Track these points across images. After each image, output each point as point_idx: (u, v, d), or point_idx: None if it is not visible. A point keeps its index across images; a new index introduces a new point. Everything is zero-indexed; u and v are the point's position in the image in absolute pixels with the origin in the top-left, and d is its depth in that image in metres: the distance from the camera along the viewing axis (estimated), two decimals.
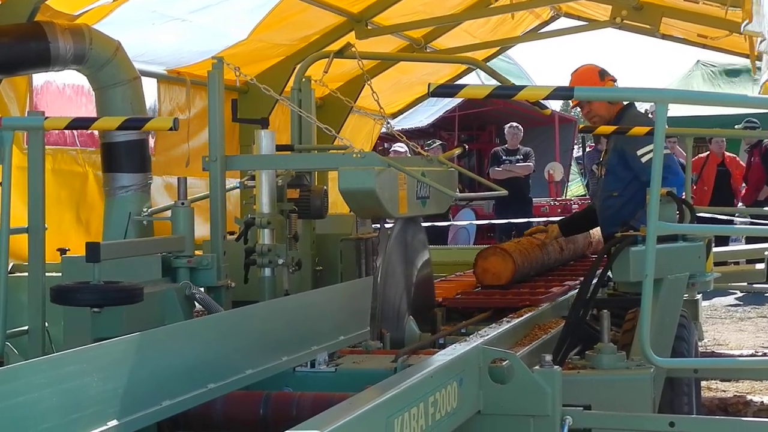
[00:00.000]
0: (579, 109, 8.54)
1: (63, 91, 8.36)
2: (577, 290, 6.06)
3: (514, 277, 6.99)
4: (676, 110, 19.08)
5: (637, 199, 7.24)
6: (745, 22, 6.72)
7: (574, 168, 31.85)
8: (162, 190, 8.64)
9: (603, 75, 7.81)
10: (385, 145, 21.88)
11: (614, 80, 7.84)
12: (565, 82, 7.87)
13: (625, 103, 7.59)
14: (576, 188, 31.79)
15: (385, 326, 5.65)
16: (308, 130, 6.83)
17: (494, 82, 8.85)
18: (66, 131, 7.86)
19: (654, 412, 5.19)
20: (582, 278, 6.29)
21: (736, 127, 17.43)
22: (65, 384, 2.96)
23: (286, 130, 7.02)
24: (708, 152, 18.92)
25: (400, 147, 17.48)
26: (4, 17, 6.30)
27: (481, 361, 4.45)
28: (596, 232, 8.73)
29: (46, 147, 5.65)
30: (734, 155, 19.42)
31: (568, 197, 25.78)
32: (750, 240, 14.77)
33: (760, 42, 6.98)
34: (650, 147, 6.32)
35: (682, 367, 6.09)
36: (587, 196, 23.37)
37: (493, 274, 6.98)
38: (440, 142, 20.15)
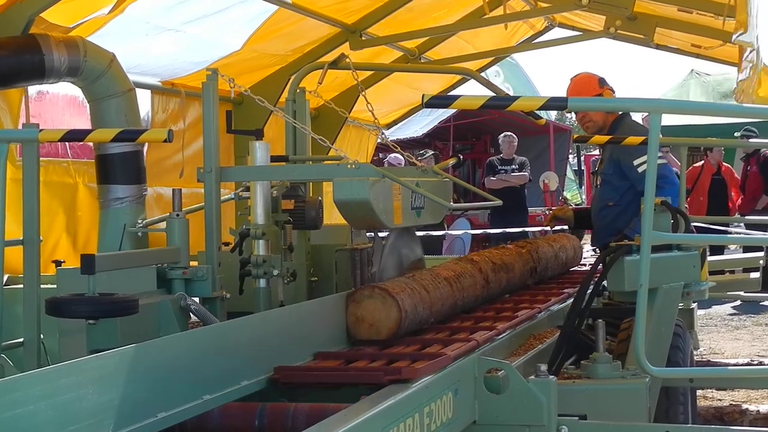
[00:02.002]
0: (573, 115, 8.58)
1: (56, 102, 8.37)
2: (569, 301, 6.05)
3: (400, 329, 4.95)
4: (670, 119, 19.10)
5: (633, 208, 7.25)
6: (739, 33, 6.73)
7: (570, 175, 31.91)
8: (152, 201, 8.63)
9: (602, 83, 7.81)
10: (380, 155, 21.89)
11: (612, 90, 7.85)
12: (562, 90, 7.87)
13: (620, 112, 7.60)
14: (572, 196, 31.84)
15: None
16: (303, 141, 6.83)
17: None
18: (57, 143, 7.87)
19: (650, 422, 5.20)
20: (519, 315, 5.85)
21: (735, 134, 17.47)
22: (61, 396, 2.96)
23: (281, 141, 7.02)
24: (702, 162, 18.93)
25: (394, 159, 17.50)
26: None
27: (477, 371, 4.46)
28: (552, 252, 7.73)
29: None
30: (729, 165, 19.43)
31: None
32: (747, 249, 14.79)
33: (750, 51, 7.00)
34: (646, 157, 6.33)
35: (677, 377, 6.10)
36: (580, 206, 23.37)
37: (370, 325, 4.92)
38: (432, 152, 20.16)
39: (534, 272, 7.24)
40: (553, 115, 32.24)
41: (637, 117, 11.00)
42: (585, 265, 8.77)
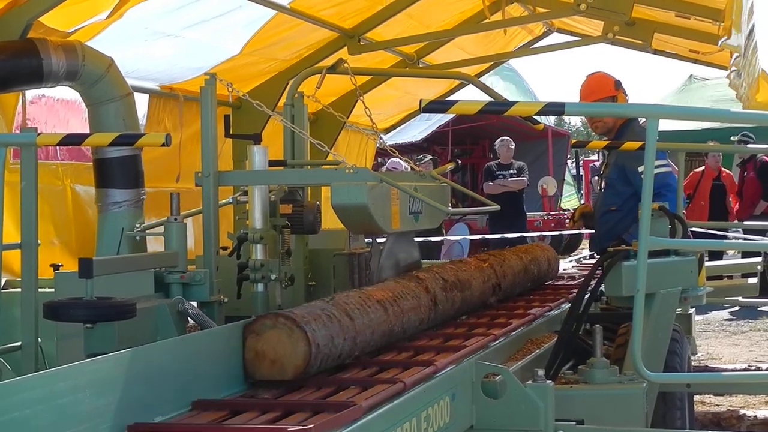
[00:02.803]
0: (571, 120, 8.58)
1: (54, 106, 8.36)
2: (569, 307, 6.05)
3: (310, 366, 4.01)
4: (669, 124, 19.13)
5: (634, 214, 7.26)
6: (724, 38, 6.74)
7: (569, 179, 31.94)
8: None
9: (618, 86, 7.80)
10: (379, 159, 21.91)
11: (626, 94, 7.83)
12: (560, 95, 7.87)
13: None
14: (570, 201, 31.87)
15: None
16: (301, 145, 6.84)
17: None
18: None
19: (647, 427, 5.20)
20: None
21: (732, 139, 17.50)
22: (58, 400, 2.97)
23: (280, 146, 7.02)
24: (703, 167, 18.96)
25: (393, 164, 17.49)
26: None
27: (474, 376, 4.46)
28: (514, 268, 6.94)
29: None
30: (729, 171, 19.45)
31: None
32: (746, 254, 14.80)
33: (735, 57, 7.02)
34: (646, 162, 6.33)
35: (674, 382, 6.10)
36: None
37: (273, 361, 4.01)
38: (431, 156, 20.17)
39: (497, 289, 6.47)
40: (551, 119, 32.27)
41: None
42: (563, 278, 8.44)
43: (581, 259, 10.88)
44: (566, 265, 10.00)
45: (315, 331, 4.04)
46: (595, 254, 8.54)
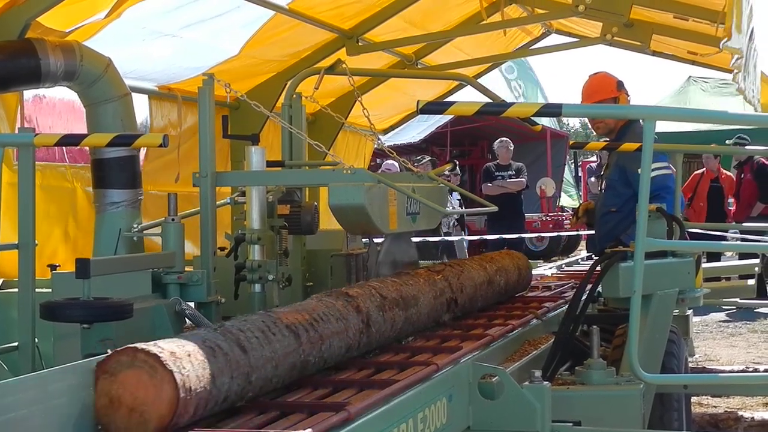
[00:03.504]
0: (570, 121, 8.55)
1: (54, 106, 8.38)
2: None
3: (180, 415, 3.08)
4: (666, 126, 19.14)
5: (634, 216, 7.24)
6: (725, 40, 6.74)
7: (569, 179, 31.95)
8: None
9: (620, 87, 7.78)
10: (377, 160, 21.91)
11: (628, 95, 7.82)
12: (563, 94, 7.88)
13: None
14: (570, 203, 31.91)
15: None
16: (299, 146, 6.84)
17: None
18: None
19: (644, 428, 5.20)
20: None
21: (726, 142, 17.51)
22: (54, 401, 2.96)
23: (278, 146, 7.02)
24: (704, 169, 18.99)
25: (388, 166, 17.49)
26: None
27: (471, 377, 4.46)
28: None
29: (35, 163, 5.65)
30: (728, 172, 19.46)
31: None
32: (743, 256, 14.81)
33: (736, 59, 7.02)
34: (653, 165, 6.33)
35: (671, 383, 6.10)
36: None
37: (131, 410, 3.05)
38: (430, 157, 20.18)
39: (452, 305, 5.57)
40: (550, 121, 32.31)
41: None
42: (538, 288, 7.68)
43: (563, 266, 10.65)
44: (547, 271, 9.90)
45: (186, 370, 3.10)
46: (594, 255, 8.52)
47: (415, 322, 5.02)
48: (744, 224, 16.58)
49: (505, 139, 19.00)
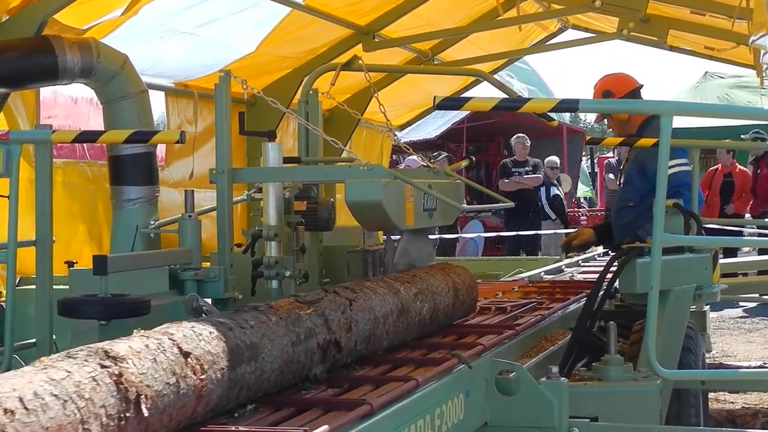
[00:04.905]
0: (586, 117, 8.52)
1: (72, 103, 8.39)
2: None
3: None
4: (683, 122, 19.08)
5: (652, 211, 7.22)
6: (761, 34, 6.70)
7: (586, 173, 31.91)
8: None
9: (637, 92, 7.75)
10: (394, 157, 21.90)
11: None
12: (575, 93, 7.85)
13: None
14: (582, 192, 31.89)
15: None
16: (315, 142, 6.84)
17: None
18: (76, 144, 7.90)
19: (661, 424, 5.19)
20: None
21: (743, 137, 17.47)
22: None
23: (294, 143, 7.03)
24: (719, 165, 18.95)
25: (412, 162, 17.50)
26: (12, 31, 6.33)
27: (488, 373, 4.47)
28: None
29: (57, 160, 5.67)
30: (745, 169, 19.40)
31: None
32: (762, 252, 14.78)
33: (763, 54, 6.99)
34: (672, 162, 6.32)
35: (688, 379, 6.09)
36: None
37: None
38: (446, 154, 20.16)
39: (330, 350, 3.95)
40: (566, 116, 32.25)
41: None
42: (490, 309, 6.21)
43: (542, 275, 9.25)
44: (569, 268, 9.77)
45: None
46: (610, 250, 8.50)
47: (255, 385, 3.45)
48: (761, 219, 16.55)
49: (521, 135, 18.98)
